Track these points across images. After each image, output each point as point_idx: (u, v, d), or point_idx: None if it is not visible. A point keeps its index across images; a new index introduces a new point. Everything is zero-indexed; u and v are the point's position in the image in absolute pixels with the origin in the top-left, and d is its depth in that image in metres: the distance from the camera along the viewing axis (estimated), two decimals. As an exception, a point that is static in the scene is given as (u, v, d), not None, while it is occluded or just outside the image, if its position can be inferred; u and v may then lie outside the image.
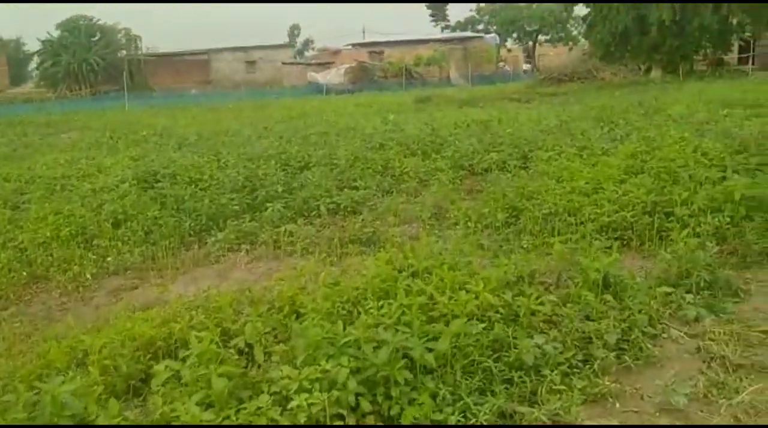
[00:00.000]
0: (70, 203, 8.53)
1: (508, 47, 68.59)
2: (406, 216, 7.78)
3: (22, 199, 9.36)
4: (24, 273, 6.73)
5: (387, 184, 9.48)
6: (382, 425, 3.22)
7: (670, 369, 3.75)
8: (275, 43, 62.77)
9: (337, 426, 3.07)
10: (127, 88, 41.05)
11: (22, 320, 5.63)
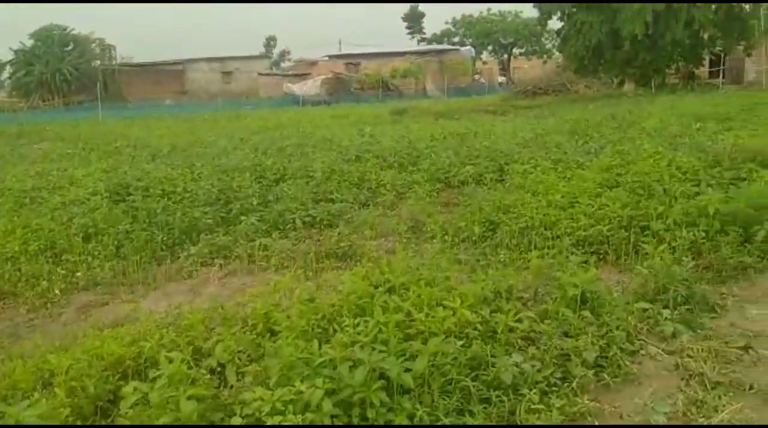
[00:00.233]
0: (39, 216, 8.33)
1: (484, 60, 69.24)
2: (383, 230, 7.73)
3: (-10, 212, 9.11)
4: (-10, 288, 6.52)
5: (363, 197, 9.42)
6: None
7: (648, 386, 3.72)
8: (251, 54, 62.81)
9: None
10: (101, 99, 40.59)
11: (-14, 338, 5.44)
